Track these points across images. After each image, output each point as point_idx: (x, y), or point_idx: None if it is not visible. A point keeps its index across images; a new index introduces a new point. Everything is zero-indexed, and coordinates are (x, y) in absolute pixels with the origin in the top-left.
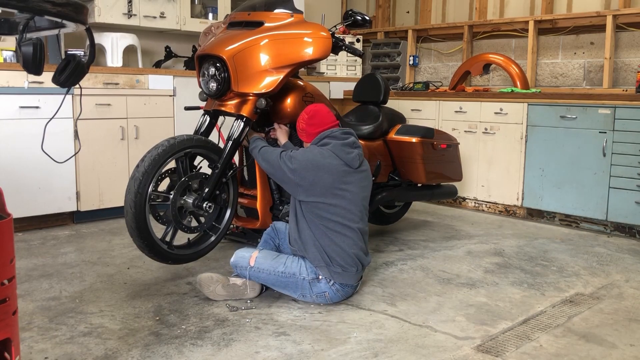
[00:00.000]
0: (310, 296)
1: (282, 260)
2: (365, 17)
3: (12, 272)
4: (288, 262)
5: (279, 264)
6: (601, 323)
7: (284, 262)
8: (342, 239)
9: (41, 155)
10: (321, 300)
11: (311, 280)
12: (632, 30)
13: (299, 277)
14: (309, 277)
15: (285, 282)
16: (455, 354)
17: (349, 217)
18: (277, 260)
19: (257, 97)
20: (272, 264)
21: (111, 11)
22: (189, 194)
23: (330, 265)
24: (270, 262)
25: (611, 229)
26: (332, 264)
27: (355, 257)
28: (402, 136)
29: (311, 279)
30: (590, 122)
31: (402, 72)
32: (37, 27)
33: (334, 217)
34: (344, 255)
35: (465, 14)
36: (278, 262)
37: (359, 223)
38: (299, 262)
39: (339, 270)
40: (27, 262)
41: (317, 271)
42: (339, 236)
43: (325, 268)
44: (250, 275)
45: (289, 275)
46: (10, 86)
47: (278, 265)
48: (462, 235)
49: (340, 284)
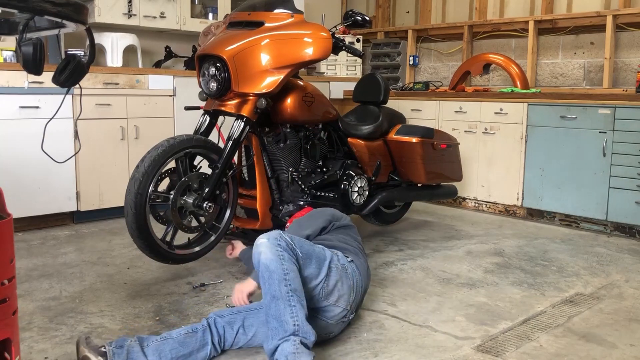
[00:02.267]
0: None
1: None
2: (365, 18)
3: (12, 272)
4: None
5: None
6: (601, 323)
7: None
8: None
9: (41, 155)
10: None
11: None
12: (632, 30)
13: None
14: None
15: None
16: (455, 354)
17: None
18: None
19: (257, 97)
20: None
21: (111, 11)
22: (189, 193)
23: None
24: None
25: (611, 229)
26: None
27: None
28: (402, 136)
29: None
30: (590, 122)
31: (402, 72)
32: (37, 27)
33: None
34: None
35: (465, 14)
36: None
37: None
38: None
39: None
40: (27, 262)
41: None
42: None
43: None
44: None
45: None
46: (10, 86)
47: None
48: (462, 235)
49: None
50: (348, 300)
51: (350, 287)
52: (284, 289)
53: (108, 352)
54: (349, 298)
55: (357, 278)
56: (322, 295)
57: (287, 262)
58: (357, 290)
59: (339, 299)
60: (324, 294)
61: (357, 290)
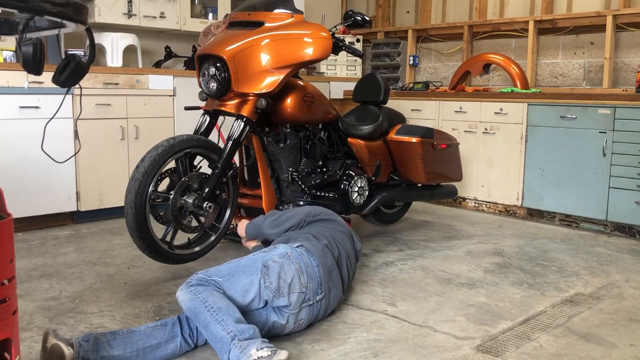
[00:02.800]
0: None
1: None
2: (365, 18)
3: (12, 272)
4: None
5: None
6: (601, 323)
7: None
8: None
9: (41, 155)
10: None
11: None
12: (632, 30)
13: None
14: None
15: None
16: (455, 354)
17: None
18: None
19: (257, 97)
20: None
21: (111, 11)
22: (189, 193)
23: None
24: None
25: (611, 229)
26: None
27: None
28: (402, 136)
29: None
30: (590, 122)
31: (402, 72)
32: (37, 27)
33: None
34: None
35: (465, 14)
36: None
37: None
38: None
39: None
40: (27, 262)
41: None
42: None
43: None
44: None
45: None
46: (10, 86)
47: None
48: (462, 235)
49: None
50: (300, 283)
51: (296, 270)
52: (209, 314)
53: (75, 344)
54: (299, 281)
55: (306, 260)
56: (272, 293)
57: (203, 293)
58: (308, 270)
59: (290, 286)
60: (273, 291)
61: (308, 270)
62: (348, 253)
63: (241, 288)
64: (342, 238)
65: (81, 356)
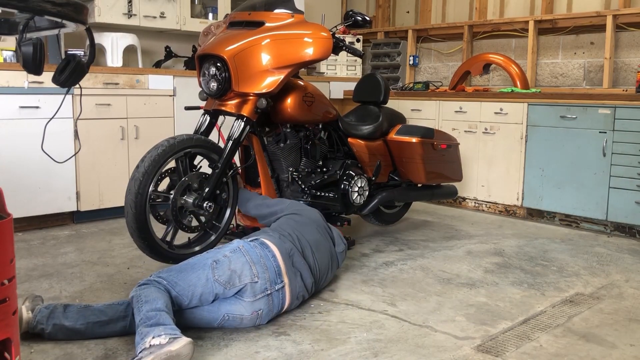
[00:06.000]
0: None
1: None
2: (365, 18)
3: (12, 272)
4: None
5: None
6: (601, 323)
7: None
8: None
9: (41, 155)
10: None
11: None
12: (632, 30)
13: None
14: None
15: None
16: (455, 354)
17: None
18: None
19: (257, 97)
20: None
21: (111, 11)
22: (189, 193)
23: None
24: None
25: (611, 229)
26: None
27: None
28: (402, 136)
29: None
30: (590, 122)
31: (402, 72)
32: (37, 27)
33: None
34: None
35: (465, 14)
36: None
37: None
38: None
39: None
40: (27, 262)
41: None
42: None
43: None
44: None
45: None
46: (10, 86)
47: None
48: (462, 235)
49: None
50: (252, 273)
51: (247, 261)
52: (136, 306)
53: (35, 310)
54: (251, 271)
55: (259, 252)
56: (222, 286)
57: (143, 289)
58: (262, 260)
59: (240, 276)
60: (223, 284)
61: (262, 260)
62: (317, 245)
63: (187, 284)
64: (308, 231)
65: (37, 320)
